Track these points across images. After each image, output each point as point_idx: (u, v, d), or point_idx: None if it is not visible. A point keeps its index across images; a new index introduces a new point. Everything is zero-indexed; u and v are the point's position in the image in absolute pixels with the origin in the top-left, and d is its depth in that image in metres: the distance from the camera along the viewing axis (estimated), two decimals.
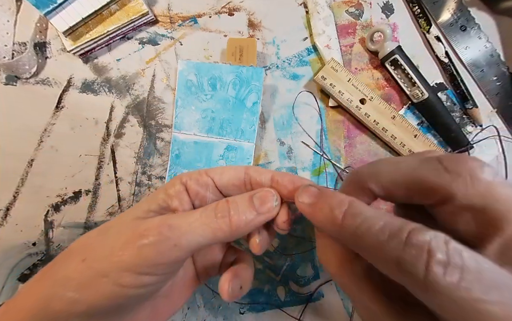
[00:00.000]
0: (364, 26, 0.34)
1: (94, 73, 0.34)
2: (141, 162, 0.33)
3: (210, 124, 0.32)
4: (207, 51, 0.34)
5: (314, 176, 0.33)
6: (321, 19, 0.34)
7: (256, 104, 0.32)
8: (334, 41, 0.33)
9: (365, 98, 0.32)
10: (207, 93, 0.32)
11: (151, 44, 0.34)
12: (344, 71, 0.32)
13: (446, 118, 0.31)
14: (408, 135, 0.31)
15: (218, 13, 0.35)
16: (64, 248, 0.32)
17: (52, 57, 0.34)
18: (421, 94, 0.31)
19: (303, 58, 0.34)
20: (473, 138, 0.32)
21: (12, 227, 0.32)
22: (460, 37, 0.33)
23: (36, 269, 0.33)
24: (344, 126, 0.33)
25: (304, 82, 0.34)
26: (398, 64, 0.32)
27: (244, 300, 0.32)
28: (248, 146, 0.32)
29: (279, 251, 0.32)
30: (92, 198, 0.33)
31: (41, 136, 0.33)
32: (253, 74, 0.31)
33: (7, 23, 0.33)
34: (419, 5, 0.33)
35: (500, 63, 0.32)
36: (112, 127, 0.33)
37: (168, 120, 0.33)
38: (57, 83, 0.33)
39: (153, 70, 0.34)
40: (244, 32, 0.34)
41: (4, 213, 0.32)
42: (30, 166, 0.33)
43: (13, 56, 0.32)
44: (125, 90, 0.34)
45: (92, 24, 0.32)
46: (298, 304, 0.31)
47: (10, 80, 0.33)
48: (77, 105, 0.33)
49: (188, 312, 0.32)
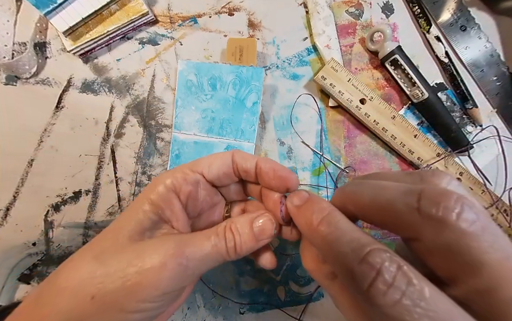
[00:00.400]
0: (364, 26, 0.34)
1: (94, 73, 0.34)
2: (141, 162, 0.33)
3: (210, 124, 0.32)
4: (207, 51, 0.34)
5: (314, 176, 0.33)
6: (321, 19, 0.34)
7: (256, 104, 0.32)
8: (334, 41, 0.33)
9: (365, 98, 0.32)
10: (207, 93, 0.32)
11: (151, 44, 0.34)
12: (344, 71, 0.32)
13: (446, 118, 0.31)
14: (408, 135, 0.31)
15: (218, 13, 0.35)
16: (64, 248, 0.33)
17: (52, 57, 0.34)
18: (421, 94, 0.31)
19: (303, 58, 0.34)
20: (473, 138, 0.32)
21: (11, 227, 0.32)
22: (460, 37, 0.33)
23: (35, 269, 0.33)
24: (344, 126, 0.33)
25: (304, 82, 0.34)
26: (398, 64, 0.32)
27: (244, 300, 0.32)
28: (248, 146, 0.32)
29: (279, 251, 0.32)
30: (92, 198, 0.33)
31: (41, 136, 0.33)
32: (253, 74, 0.31)
33: (7, 23, 0.33)
34: (419, 5, 0.33)
35: (500, 63, 0.32)
36: (112, 127, 0.33)
37: (168, 120, 0.33)
38: (57, 83, 0.33)
39: (153, 70, 0.34)
40: (243, 32, 0.34)
41: (4, 213, 0.32)
42: (30, 166, 0.33)
43: (13, 56, 0.32)
44: (125, 90, 0.34)
45: (92, 24, 0.32)
46: (298, 304, 0.31)
47: (10, 80, 0.33)
48: (77, 105, 0.33)
49: (187, 312, 0.32)
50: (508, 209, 0.30)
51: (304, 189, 0.23)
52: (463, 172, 0.31)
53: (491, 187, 0.31)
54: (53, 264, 0.33)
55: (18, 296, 0.33)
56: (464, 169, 0.31)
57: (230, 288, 0.32)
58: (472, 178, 0.31)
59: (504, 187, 0.31)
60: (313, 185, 0.33)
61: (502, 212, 0.30)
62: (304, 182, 0.33)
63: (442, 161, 0.31)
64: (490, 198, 0.30)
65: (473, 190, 0.30)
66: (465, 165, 0.32)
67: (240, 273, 0.32)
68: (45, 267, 0.33)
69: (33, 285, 0.33)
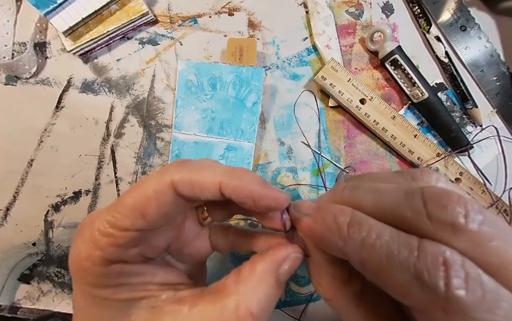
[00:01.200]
0: (364, 26, 0.34)
1: (94, 73, 0.34)
2: (141, 162, 0.33)
3: (210, 124, 0.32)
4: (207, 51, 0.34)
5: (314, 176, 0.33)
6: (321, 19, 0.34)
7: (256, 104, 0.32)
8: (334, 41, 0.33)
9: (365, 98, 0.32)
10: (207, 93, 0.32)
11: (151, 44, 0.34)
12: (344, 71, 0.32)
13: (446, 118, 0.31)
14: (408, 135, 0.31)
15: (218, 13, 0.35)
16: (64, 248, 0.33)
17: (52, 57, 0.34)
18: (421, 94, 0.31)
19: (303, 58, 0.34)
20: (473, 138, 0.32)
21: (11, 227, 0.32)
22: (460, 37, 0.33)
23: (35, 269, 0.33)
24: (344, 126, 0.33)
25: (304, 82, 0.34)
26: (398, 64, 0.32)
27: None
28: (248, 146, 0.32)
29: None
30: (92, 198, 0.33)
31: (41, 136, 0.33)
32: (253, 74, 0.31)
33: (7, 23, 0.33)
34: (419, 5, 0.33)
35: (500, 63, 0.32)
36: (112, 127, 0.33)
37: (168, 120, 0.33)
38: (57, 83, 0.33)
39: (153, 70, 0.34)
40: (243, 32, 0.34)
41: (4, 213, 0.32)
42: (30, 166, 0.33)
43: (13, 56, 0.32)
44: (125, 90, 0.34)
45: (91, 24, 0.32)
46: (298, 304, 0.31)
47: (10, 80, 0.33)
48: (77, 105, 0.33)
49: None
50: (508, 209, 0.30)
51: (304, 188, 0.21)
52: (463, 172, 0.31)
53: (491, 187, 0.31)
54: (53, 264, 0.33)
55: (18, 296, 0.33)
56: (464, 169, 0.31)
57: None
58: (472, 178, 0.31)
59: (504, 187, 0.31)
60: (313, 185, 0.33)
61: (502, 212, 0.30)
62: (304, 182, 0.33)
63: (442, 161, 0.31)
64: (490, 198, 0.30)
65: (473, 190, 0.30)
66: (465, 165, 0.32)
67: None
68: (45, 267, 0.33)
69: (33, 284, 0.33)
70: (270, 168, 0.33)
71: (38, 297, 0.33)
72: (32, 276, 0.33)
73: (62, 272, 0.33)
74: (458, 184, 0.31)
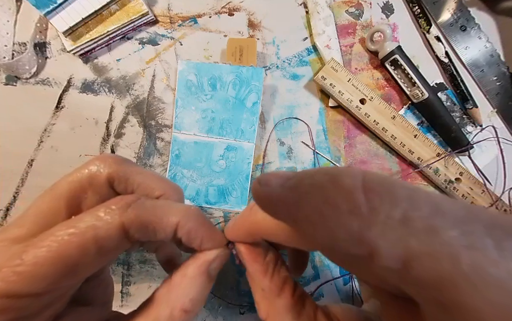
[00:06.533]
0: (364, 26, 0.34)
1: (94, 73, 0.34)
2: (141, 162, 0.33)
3: (210, 124, 0.32)
4: (207, 51, 0.34)
5: None
6: (321, 19, 0.34)
7: (256, 104, 0.32)
8: (334, 41, 0.33)
9: (365, 98, 0.32)
10: (207, 93, 0.32)
11: (151, 44, 0.34)
12: (344, 71, 0.32)
13: (446, 118, 0.31)
14: (408, 135, 0.31)
15: (218, 13, 0.35)
16: None
17: (52, 57, 0.34)
18: (421, 94, 0.31)
19: (303, 58, 0.34)
20: (473, 138, 0.32)
21: None
22: (460, 37, 0.33)
23: None
24: (344, 126, 0.33)
25: (304, 82, 0.34)
26: (398, 64, 0.32)
27: (243, 300, 0.32)
28: (248, 146, 0.32)
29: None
30: None
31: (41, 136, 0.33)
32: (253, 74, 0.31)
33: (7, 23, 0.33)
34: (419, 5, 0.33)
35: (500, 63, 0.32)
36: (112, 127, 0.33)
37: (168, 120, 0.33)
38: (57, 83, 0.33)
39: (153, 70, 0.34)
40: (243, 32, 0.34)
41: (4, 213, 0.32)
42: (30, 166, 0.33)
43: (13, 56, 0.32)
44: (125, 90, 0.34)
45: (91, 24, 0.32)
46: None
47: (10, 80, 0.33)
48: (77, 105, 0.33)
49: None
50: (508, 209, 0.30)
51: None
52: (463, 172, 0.31)
53: (491, 187, 0.31)
54: None
55: None
56: (464, 169, 0.31)
57: (230, 288, 0.32)
58: (472, 178, 0.31)
59: (504, 187, 0.31)
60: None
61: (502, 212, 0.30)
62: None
63: (442, 161, 0.31)
64: (490, 198, 0.30)
65: (473, 190, 0.30)
66: (465, 165, 0.32)
67: (240, 273, 0.32)
68: None
69: None
70: (270, 168, 0.33)
71: None
72: None
73: None
74: (459, 184, 0.31)
